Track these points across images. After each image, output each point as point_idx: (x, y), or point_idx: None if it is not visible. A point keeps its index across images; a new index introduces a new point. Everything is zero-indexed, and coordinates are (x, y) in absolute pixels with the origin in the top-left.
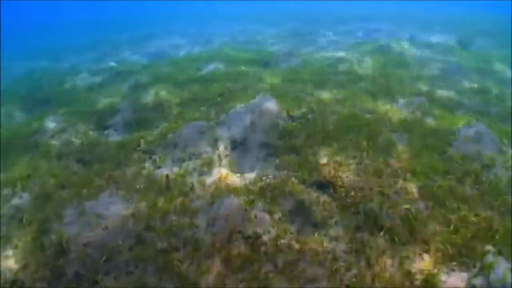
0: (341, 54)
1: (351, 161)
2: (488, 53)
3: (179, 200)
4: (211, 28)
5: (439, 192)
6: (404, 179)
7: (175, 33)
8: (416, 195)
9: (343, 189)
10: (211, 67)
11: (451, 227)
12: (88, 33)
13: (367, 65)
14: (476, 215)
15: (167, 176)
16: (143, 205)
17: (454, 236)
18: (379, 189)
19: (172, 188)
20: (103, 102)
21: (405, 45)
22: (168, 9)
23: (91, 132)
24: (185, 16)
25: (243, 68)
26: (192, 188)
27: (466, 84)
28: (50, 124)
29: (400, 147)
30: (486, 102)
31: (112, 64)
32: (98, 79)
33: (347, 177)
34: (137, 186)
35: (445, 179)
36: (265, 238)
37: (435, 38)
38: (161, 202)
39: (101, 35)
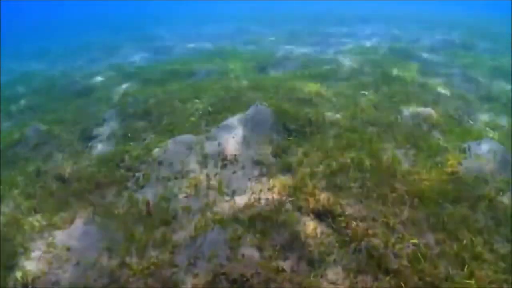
0: (340, 57)
1: (352, 184)
2: (493, 57)
3: (159, 231)
4: (208, 29)
5: (450, 222)
6: (411, 206)
7: (171, 34)
8: (425, 226)
9: (343, 218)
10: (204, 71)
11: (465, 268)
12: (85, 34)
13: (368, 70)
14: (492, 250)
15: (147, 203)
16: (119, 235)
17: (469, 281)
18: (384, 220)
19: (153, 215)
20: (90, 109)
21: (407, 48)
22: (166, 9)
23: (74, 144)
24: (182, 17)
25: (238, 73)
26: (175, 216)
27: (473, 91)
28: (33, 134)
29: (406, 166)
30: (495, 112)
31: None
32: (89, 83)
33: (347, 204)
34: (116, 212)
35: (456, 206)
36: (253, 281)
37: (438, 41)
38: (140, 232)
39: (98, 35)
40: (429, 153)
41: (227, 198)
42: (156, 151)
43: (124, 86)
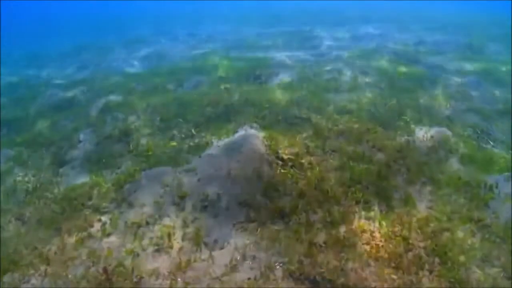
0: (342, 64)
1: (357, 240)
2: (503, 59)
3: None
4: (202, 30)
5: None
6: (431, 271)
7: (163, 37)
8: None
9: None
10: (192, 82)
11: None
12: (79, 35)
13: (373, 80)
14: None
15: (105, 269)
16: None
17: None
18: None
19: (113, 281)
20: (67, 126)
21: (412, 52)
22: (162, 9)
23: (43, 173)
24: (177, 18)
25: (228, 85)
26: (138, 283)
27: (489, 103)
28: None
29: (423, 209)
30: None
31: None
32: (70, 95)
33: (351, 269)
34: (69, 275)
35: (485, 269)
36: None
37: (443, 42)
38: None
39: (92, 37)
40: (449, 191)
41: (204, 254)
42: (127, 187)
43: (106, 98)
